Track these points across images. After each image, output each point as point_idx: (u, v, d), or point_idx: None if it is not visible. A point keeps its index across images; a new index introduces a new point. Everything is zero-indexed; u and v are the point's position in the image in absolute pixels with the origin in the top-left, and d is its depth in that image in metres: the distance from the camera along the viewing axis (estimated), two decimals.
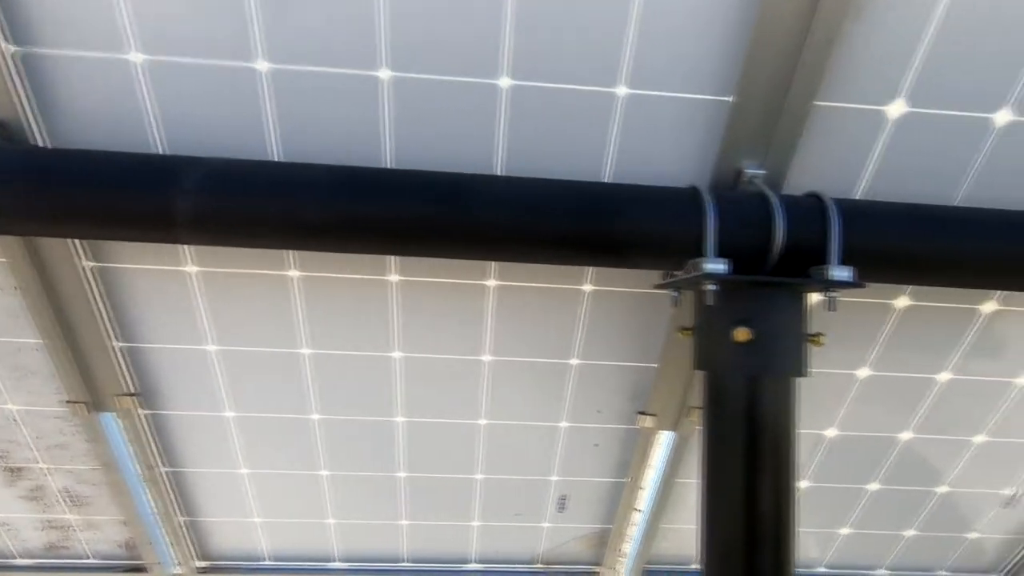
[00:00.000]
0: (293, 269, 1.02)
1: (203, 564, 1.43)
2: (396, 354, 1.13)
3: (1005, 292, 1.08)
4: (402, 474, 1.30)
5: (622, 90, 0.88)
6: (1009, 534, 1.44)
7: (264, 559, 1.43)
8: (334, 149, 0.91)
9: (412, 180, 0.79)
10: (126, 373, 1.13)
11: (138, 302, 1.06)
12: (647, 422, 1.20)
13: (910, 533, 1.43)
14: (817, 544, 1.46)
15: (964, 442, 1.27)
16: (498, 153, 0.93)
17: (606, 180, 0.95)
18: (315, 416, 1.20)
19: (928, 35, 0.84)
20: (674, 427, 1.21)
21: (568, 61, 0.86)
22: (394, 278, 1.04)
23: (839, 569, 1.49)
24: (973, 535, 1.44)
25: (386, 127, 0.90)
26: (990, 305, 1.09)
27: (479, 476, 1.31)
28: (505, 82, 0.87)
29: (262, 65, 0.85)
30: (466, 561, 1.46)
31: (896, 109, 0.90)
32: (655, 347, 1.13)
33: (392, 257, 1.02)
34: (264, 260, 1.02)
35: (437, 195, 0.78)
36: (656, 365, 1.15)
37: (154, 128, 0.89)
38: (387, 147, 0.92)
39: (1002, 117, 0.90)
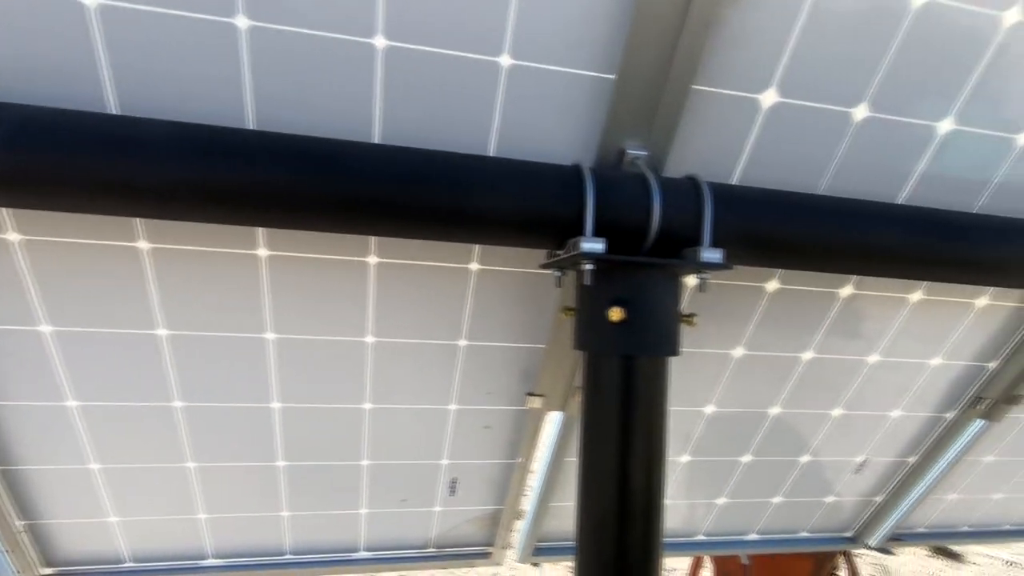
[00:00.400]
0: (142, 240, 0.91)
1: (50, 571, 1.27)
2: (269, 335, 1.04)
3: (860, 277, 1.17)
4: (281, 463, 1.22)
5: (506, 60, 0.84)
6: (859, 496, 1.60)
7: (125, 561, 1.30)
8: (187, 105, 0.81)
9: (270, 143, 0.71)
10: None
11: None
12: (535, 403, 1.20)
13: (777, 500, 1.55)
14: (697, 514, 1.54)
15: (824, 415, 1.38)
16: (376, 120, 0.86)
17: (492, 154, 0.92)
18: (177, 403, 1.09)
19: (798, 26, 0.87)
20: (562, 407, 1.22)
21: (449, 25, 0.81)
22: (263, 252, 0.96)
23: (716, 536, 1.59)
24: (830, 499, 1.58)
25: (247, 84, 0.81)
26: (847, 289, 1.18)
27: (365, 462, 1.25)
28: (381, 42, 0.81)
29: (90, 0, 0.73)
30: (355, 550, 1.41)
31: (768, 98, 0.93)
32: (543, 328, 1.13)
33: (260, 229, 0.94)
34: (106, 229, 0.89)
35: (296, 161, 0.70)
36: (544, 346, 1.15)
37: None
38: (249, 107, 0.82)
39: (860, 112, 0.96)
